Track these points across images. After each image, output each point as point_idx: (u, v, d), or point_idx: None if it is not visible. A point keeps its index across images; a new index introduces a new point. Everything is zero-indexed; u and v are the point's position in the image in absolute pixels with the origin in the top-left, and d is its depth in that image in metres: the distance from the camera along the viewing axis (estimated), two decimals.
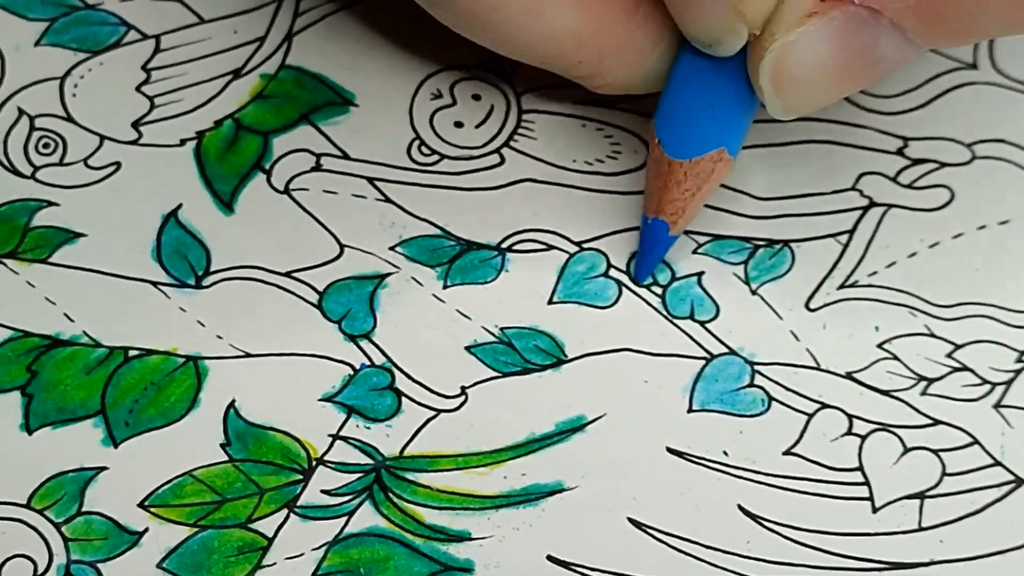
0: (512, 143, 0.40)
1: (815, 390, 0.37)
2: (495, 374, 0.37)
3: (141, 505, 0.35)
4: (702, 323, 0.38)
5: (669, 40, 0.36)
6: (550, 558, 0.35)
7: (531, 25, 0.36)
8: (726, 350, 0.37)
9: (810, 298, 0.38)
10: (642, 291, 0.38)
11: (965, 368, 0.37)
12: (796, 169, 0.39)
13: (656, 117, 0.36)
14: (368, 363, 0.37)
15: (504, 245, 0.39)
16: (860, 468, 0.36)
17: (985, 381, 0.37)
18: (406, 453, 0.36)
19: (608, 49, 0.36)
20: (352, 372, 0.37)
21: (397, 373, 0.37)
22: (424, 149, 0.40)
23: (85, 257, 0.38)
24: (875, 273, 0.38)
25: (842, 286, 0.38)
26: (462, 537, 0.35)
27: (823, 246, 0.39)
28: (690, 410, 0.37)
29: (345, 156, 0.40)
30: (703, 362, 0.37)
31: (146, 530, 0.35)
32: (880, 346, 0.37)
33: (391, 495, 0.35)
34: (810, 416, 0.36)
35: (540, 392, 0.37)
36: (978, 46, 0.41)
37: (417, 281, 0.38)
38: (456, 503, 0.35)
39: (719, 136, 0.36)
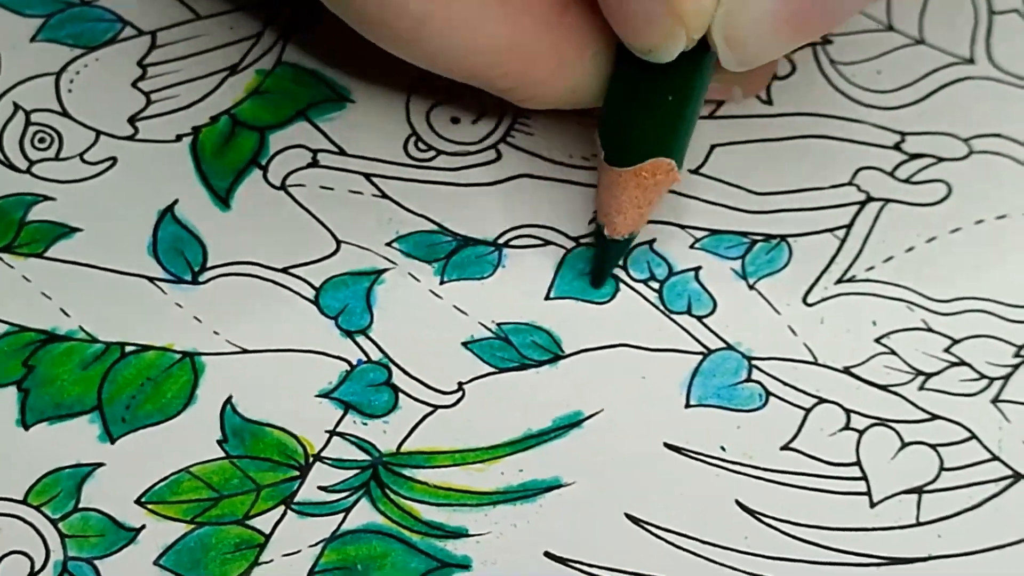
0: (509, 139, 0.40)
1: (813, 385, 0.37)
2: (492, 370, 0.37)
3: (138, 502, 0.35)
4: (699, 318, 0.38)
5: (596, 51, 0.36)
6: (547, 554, 0.35)
7: (456, 39, 0.36)
8: (723, 345, 0.37)
9: (807, 293, 0.38)
10: (639, 286, 0.38)
11: (963, 363, 0.37)
12: (793, 164, 0.39)
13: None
14: (365, 359, 0.37)
15: (501, 241, 0.39)
16: (858, 463, 0.36)
17: (983, 376, 0.37)
18: (403, 449, 0.36)
19: (534, 60, 0.36)
20: (349, 368, 0.37)
21: (394, 369, 0.37)
22: (421, 145, 0.40)
23: (81, 252, 0.38)
24: (872, 268, 0.38)
25: (839, 281, 0.38)
26: (459, 533, 0.35)
27: (820, 241, 0.39)
28: (687, 405, 0.36)
29: (342, 152, 0.40)
30: (700, 357, 0.37)
31: (143, 527, 0.35)
32: (878, 341, 0.37)
33: (388, 491, 0.35)
34: (808, 411, 0.36)
35: (537, 388, 0.37)
36: (975, 41, 0.41)
37: (414, 277, 0.38)
38: (453, 499, 0.35)
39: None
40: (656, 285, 0.38)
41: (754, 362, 0.37)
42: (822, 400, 0.37)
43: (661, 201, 0.37)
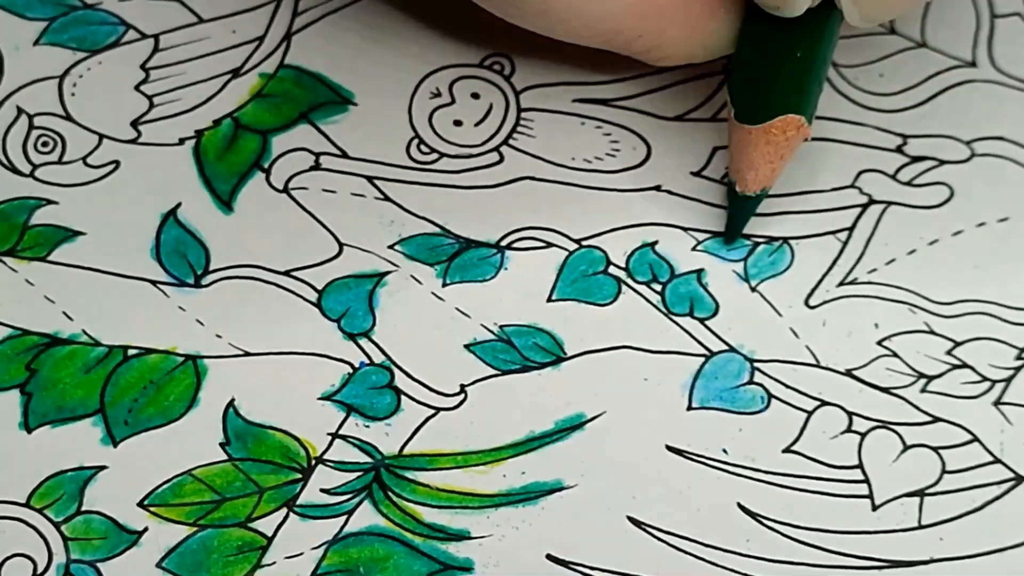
0: (511, 141, 0.40)
1: (815, 387, 0.37)
2: (494, 372, 0.37)
3: (140, 504, 0.35)
4: (701, 320, 0.38)
5: (727, 5, 0.36)
6: (549, 557, 0.35)
7: (590, 4, 0.35)
8: (725, 347, 0.37)
9: (810, 295, 0.38)
10: (641, 288, 0.38)
11: (965, 365, 0.37)
12: (795, 166, 0.39)
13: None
14: (367, 361, 0.37)
15: (503, 243, 0.39)
16: (860, 466, 0.36)
17: (985, 378, 0.37)
18: (405, 452, 0.36)
19: (668, 18, 0.36)
20: (351, 370, 0.37)
21: (396, 371, 0.37)
22: (423, 147, 0.40)
23: (84, 256, 0.38)
24: (875, 270, 0.38)
25: (842, 283, 0.38)
26: (461, 536, 0.35)
27: (823, 243, 0.39)
28: (689, 408, 0.36)
29: (344, 155, 0.40)
30: (702, 359, 0.37)
31: (145, 529, 0.35)
32: (880, 343, 0.37)
33: (390, 494, 0.35)
34: (810, 414, 0.36)
35: (539, 390, 0.37)
36: (977, 44, 0.41)
37: (416, 279, 0.38)
38: (455, 502, 0.35)
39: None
40: (658, 287, 0.38)
41: (756, 364, 0.37)
42: (824, 403, 0.37)
43: (792, 157, 0.37)
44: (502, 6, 0.36)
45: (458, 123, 0.40)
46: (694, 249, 0.39)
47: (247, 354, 0.37)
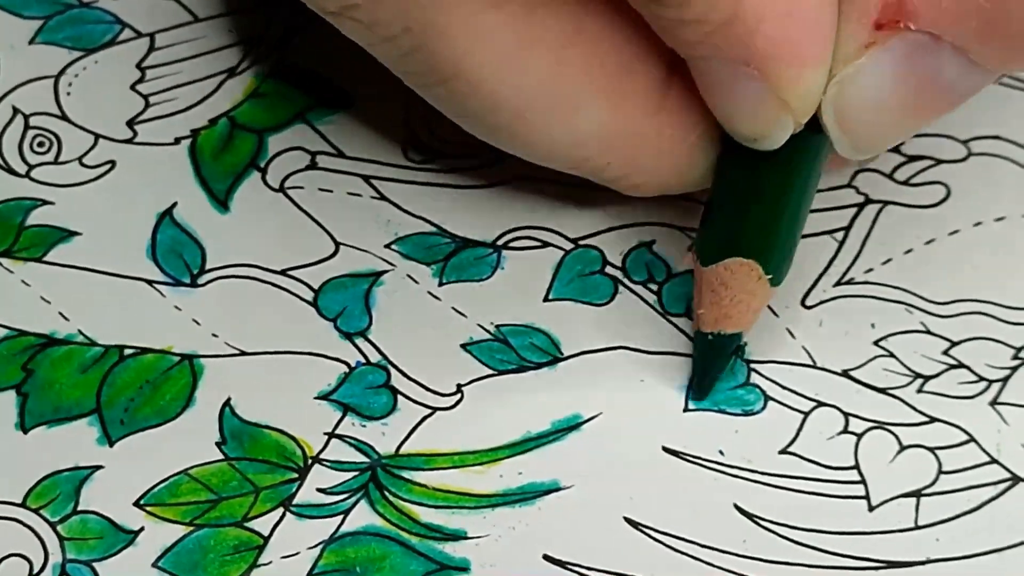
0: None
1: (811, 388, 0.37)
2: (491, 372, 0.37)
3: (137, 504, 0.35)
4: None
5: (699, 134, 0.35)
6: (546, 557, 0.35)
7: (556, 130, 0.34)
8: None
9: (806, 295, 0.38)
10: (638, 288, 0.38)
11: (961, 365, 0.37)
12: None
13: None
14: (364, 361, 0.37)
15: (500, 242, 0.39)
16: (856, 466, 0.36)
17: (981, 378, 0.37)
18: (402, 451, 0.36)
19: (638, 147, 0.35)
20: (348, 370, 0.37)
21: (393, 371, 0.37)
22: (419, 147, 0.40)
23: (80, 256, 0.38)
24: (871, 270, 0.38)
25: (838, 283, 0.38)
26: (458, 536, 0.35)
27: (819, 243, 0.39)
28: (686, 409, 0.36)
29: (340, 154, 0.40)
30: None
31: (142, 529, 0.35)
32: (876, 343, 0.37)
33: (387, 493, 0.35)
34: (806, 414, 0.36)
35: (536, 390, 0.37)
36: None
37: (412, 279, 0.38)
38: (452, 502, 0.35)
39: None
40: (655, 287, 0.38)
41: (752, 365, 0.37)
42: (821, 403, 0.36)
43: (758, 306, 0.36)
44: (473, 124, 0.35)
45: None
46: (691, 248, 0.38)
47: (243, 353, 0.37)
